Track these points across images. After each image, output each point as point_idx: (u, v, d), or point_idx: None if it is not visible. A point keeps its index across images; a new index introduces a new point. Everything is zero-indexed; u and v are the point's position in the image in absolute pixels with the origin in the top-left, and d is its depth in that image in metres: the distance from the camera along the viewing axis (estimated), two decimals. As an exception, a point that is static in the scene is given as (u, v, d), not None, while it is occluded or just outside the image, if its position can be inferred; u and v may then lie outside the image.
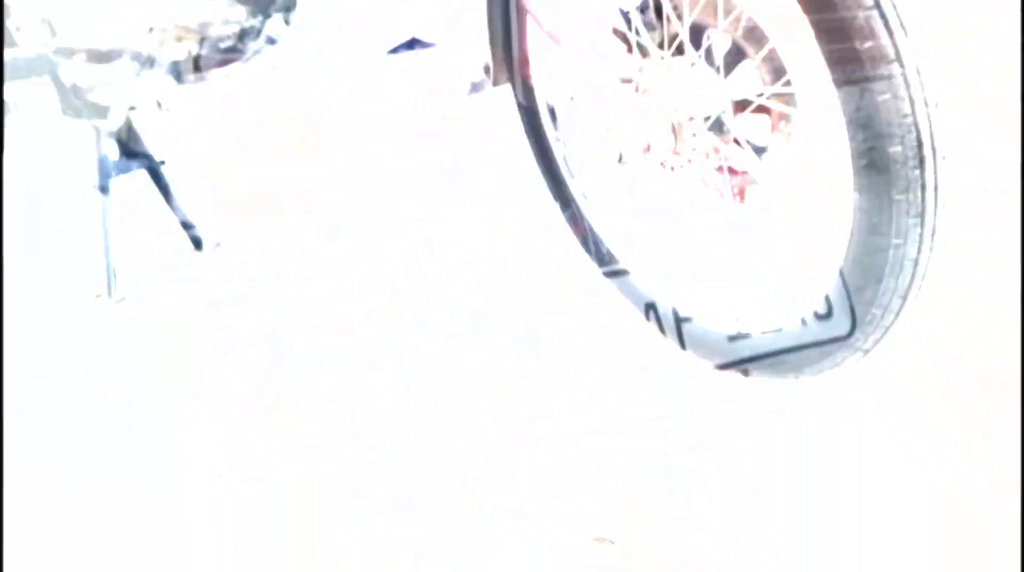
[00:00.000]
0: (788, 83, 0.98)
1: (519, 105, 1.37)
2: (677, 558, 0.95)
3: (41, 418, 1.19)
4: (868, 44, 0.80)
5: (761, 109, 1.05)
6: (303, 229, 1.73)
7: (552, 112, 1.33)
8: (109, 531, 1.01)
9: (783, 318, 1.08)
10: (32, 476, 1.09)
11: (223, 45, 1.25)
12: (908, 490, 1.04)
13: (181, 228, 1.57)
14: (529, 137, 1.38)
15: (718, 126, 1.08)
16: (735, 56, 1.07)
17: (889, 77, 0.80)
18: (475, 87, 1.40)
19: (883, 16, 0.80)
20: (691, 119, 1.07)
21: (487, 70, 1.36)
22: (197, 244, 1.59)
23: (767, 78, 1.01)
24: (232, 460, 1.12)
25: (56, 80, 1.22)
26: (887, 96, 0.81)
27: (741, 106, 1.07)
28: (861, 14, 0.80)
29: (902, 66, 0.80)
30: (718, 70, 1.07)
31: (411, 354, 1.34)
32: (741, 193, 1.12)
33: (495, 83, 1.37)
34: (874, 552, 0.95)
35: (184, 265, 1.54)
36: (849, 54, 0.82)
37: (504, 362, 1.31)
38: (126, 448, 1.15)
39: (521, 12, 1.25)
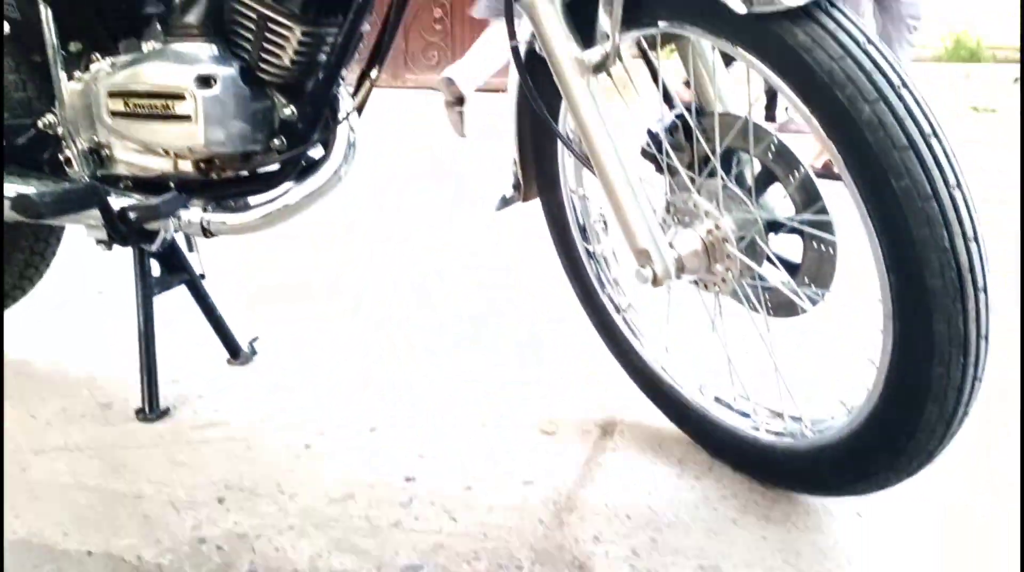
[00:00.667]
0: (823, 210, 1.01)
1: (549, 220, 1.40)
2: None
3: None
4: (903, 183, 0.83)
5: (795, 229, 1.08)
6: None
7: (583, 230, 1.36)
8: None
9: (822, 431, 1.08)
10: None
11: (266, 173, 1.29)
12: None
13: (219, 338, 1.61)
14: (558, 250, 1.41)
15: (751, 246, 1.10)
16: (766, 178, 1.10)
17: (926, 214, 0.83)
18: (504, 202, 1.44)
19: (919, 157, 0.82)
20: (724, 240, 1.10)
21: (517, 186, 1.39)
22: (234, 353, 1.61)
23: (800, 202, 1.03)
24: None
25: (105, 209, 1.26)
26: (925, 231, 0.83)
27: (775, 226, 1.09)
28: (896, 155, 0.83)
29: (939, 204, 0.82)
30: (749, 192, 1.10)
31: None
32: (775, 308, 1.14)
33: (524, 198, 1.40)
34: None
35: (224, 375, 1.57)
36: (885, 191, 0.85)
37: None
38: None
39: (550, 133, 1.29)
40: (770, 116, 4.28)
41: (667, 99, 1.19)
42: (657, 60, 1.15)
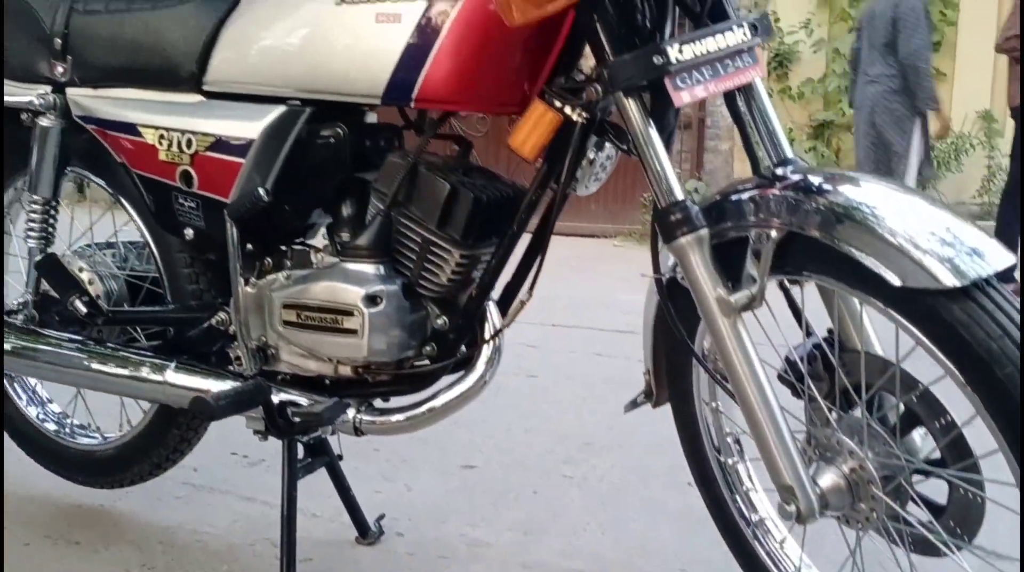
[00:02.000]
0: (974, 466, 1.02)
1: (679, 427, 1.43)
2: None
3: None
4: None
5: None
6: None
7: (714, 441, 1.39)
8: None
9: None
10: None
11: (416, 376, 1.38)
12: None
13: (349, 517, 1.67)
14: (688, 457, 1.44)
15: (896, 487, 1.11)
16: (912, 420, 1.12)
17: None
18: (634, 404, 1.48)
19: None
20: (869, 482, 1.11)
21: (649, 393, 1.44)
22: (363, 532, 1.67)
23: (949, 455, 1.05)
24: None
25: (268, 407, 1.35)
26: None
27: (921, 470, 1.10)
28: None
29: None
30: (893, 432, 1.12)
31: None
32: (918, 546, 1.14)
33: (655, 405, 1.45)
34: None
35: (353, 556, 1.62)
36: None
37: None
38: None
39: (685, 350, 1.34)
40: None
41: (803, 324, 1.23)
42: (800, 299, 1.20)
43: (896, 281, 0.95)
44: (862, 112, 4.35)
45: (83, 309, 1.54)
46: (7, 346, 1.62)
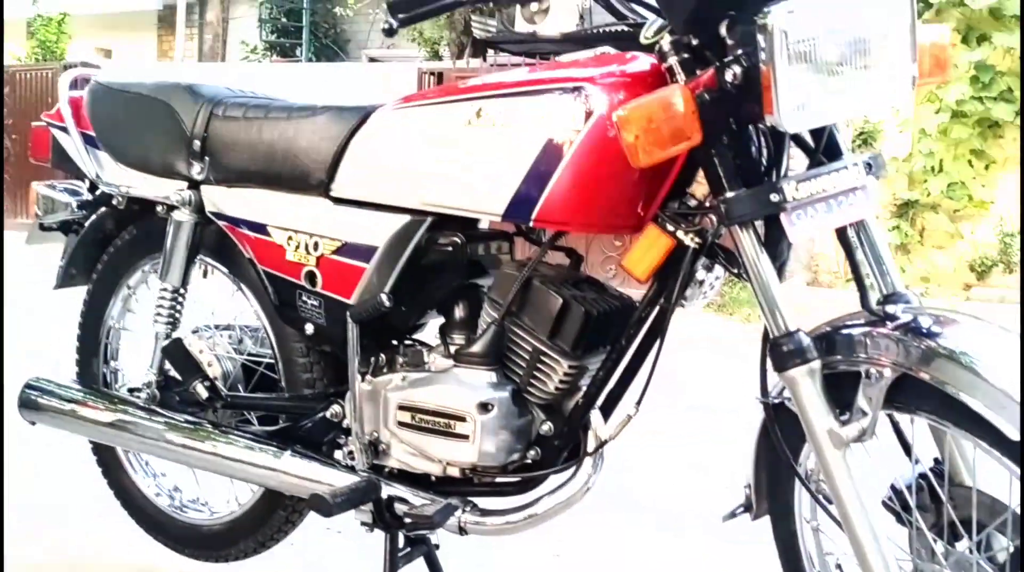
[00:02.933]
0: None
1: (778, 542, 1.44)
2: None
3: None
4: None
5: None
6: None
7: (813, 561, 1.39)
8: None
9: None
10: None
11: (518, 481, 1.42)
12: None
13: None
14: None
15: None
16: (1020, 560, 1.12)
17: None
18: (733, 514, 1.49)
19: None
20: (981, 621, 1.11)
21: (748, 507, 1.45)
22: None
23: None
24: None
25: (378, 503, 1.41)
26: None
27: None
28: None
29: None
30: (1002, 570, 1.12)
31: None
32: None
33: (755, 517, 1.46)
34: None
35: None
36: None
37: None
38: None
39: (789, 469, 1.35)
40: None
41: (909, 451, 1.24)
42: (910, 432, 1.21)
43: (1015, 435, 0.96)
44: None
45: (204, 393, 1.63)
46: (115, 418, 1.72)
